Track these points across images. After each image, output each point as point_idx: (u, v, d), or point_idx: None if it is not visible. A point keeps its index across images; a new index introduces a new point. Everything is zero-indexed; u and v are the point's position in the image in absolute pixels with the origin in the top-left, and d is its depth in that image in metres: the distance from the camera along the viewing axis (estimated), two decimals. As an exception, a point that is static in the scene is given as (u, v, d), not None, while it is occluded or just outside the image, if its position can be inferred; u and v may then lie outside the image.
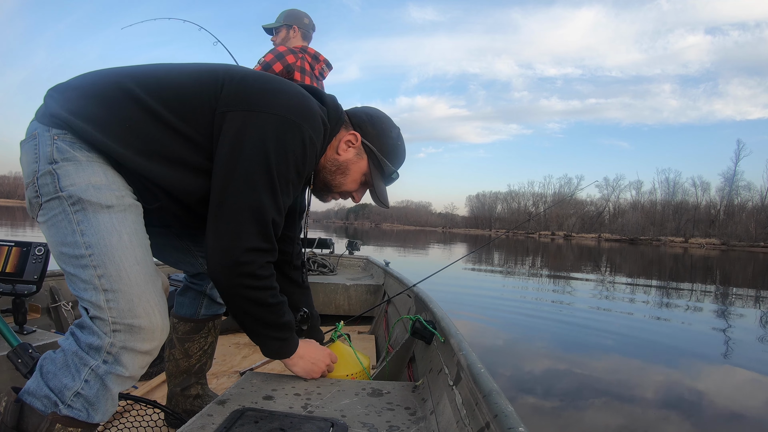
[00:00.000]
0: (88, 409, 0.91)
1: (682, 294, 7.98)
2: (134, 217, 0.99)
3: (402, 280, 2.52)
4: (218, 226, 0.99)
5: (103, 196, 0.94)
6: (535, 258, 17.22)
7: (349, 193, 1.26)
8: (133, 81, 0.99)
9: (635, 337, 4.20)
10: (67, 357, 0.92)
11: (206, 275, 1.36)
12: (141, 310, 0.93)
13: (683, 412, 2.42)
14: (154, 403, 1.31)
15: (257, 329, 1.10)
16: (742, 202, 75.91)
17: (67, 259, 0.93)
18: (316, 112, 1.05)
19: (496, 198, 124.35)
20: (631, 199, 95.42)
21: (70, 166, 0.94)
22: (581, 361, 3.34)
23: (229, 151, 0.98)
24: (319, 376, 1.24)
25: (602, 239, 76.58)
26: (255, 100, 0.99)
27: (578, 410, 2.36)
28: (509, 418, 0.77)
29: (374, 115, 1.22)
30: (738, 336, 4.54)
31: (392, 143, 1.22)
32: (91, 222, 0.92)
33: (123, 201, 0.97)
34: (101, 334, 0.90)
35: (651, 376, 3.05)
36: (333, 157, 1.18)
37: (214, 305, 1.42)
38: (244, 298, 1.03)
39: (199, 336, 1.40)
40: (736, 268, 17.03)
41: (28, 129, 1.00)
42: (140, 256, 0.96)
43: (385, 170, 1.23)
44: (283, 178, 1.01)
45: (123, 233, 0.95)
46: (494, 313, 5.00)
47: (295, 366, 1.19)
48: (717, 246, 60.73)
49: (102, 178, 0.95)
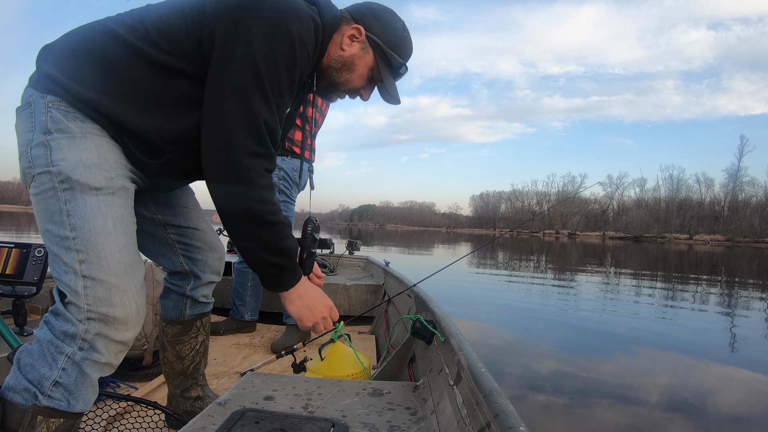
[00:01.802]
0: (68, 398, 0.90)
1: (688, 291, 7.94)
2: (122, 201, 0.98)
3: (402, 279, 2.51)
4: (211, 140, 0.96)
5: (93, 177, 0.93)
6: (540, 257, 17.18)
7: (357, 90, 1.20)
8: (121, 26, 0.97)
9: (640, 337, 4.18)
10: (43, 347, 0.91)
11: (184, 275, 1.33)
12: (117, 300, 0.92)
13: (689, 414, 2.40)
14: (154, 404, 1.31)
15: (255, 251, 1.03)
16: (746, 198, 75.66)
17: (52, 237, 0.92)
18: (303, 9, 1.00)
19: (499, 197, 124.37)
20: (635, 197, 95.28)
21: (63, 139, 0.93)
22: (585, 361, 3.32)
23: (218, 67, 0.95)
24: (311, 325, 1.14)
25: (606, 237, 76.40)
26: (238, 11, 0.94)
27: (583, 410, 2.34)
28: (510, 417, 0.77)
29: (376, 9, 1.16)
30: (744, 333, 4.51)
31: (398, 35, 1.16)
32: (78, 203, 0.92)
33: (112, 183, 0.96)
34: (75, 321, 0.90)
35: (656, 376, 3.03)
36: (337, 54, 1.12)
37: (198, 305, 1.38)
38: (243, 213, 0.99)
39: (188, 337, 1.38)
40: (742, 264, 16.94)
41: (24, 95, 0.99)
42: (123, 244, 0.96)
43: (393, 63, 1.17)
44: (275, 82, 0.96)
45: (108, 218, 0.94)
46: (497, 313, 4.99)
47: (291, 304, 1.11)
48: (722, 242, 60.43)
49: (94, 154, 0.94)
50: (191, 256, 1.31)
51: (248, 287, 2.60)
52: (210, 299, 1.40)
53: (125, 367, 1.85)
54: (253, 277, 2.60)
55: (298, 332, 2.43)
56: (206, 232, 1.32)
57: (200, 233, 1.31)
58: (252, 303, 2.62)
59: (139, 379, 1.83)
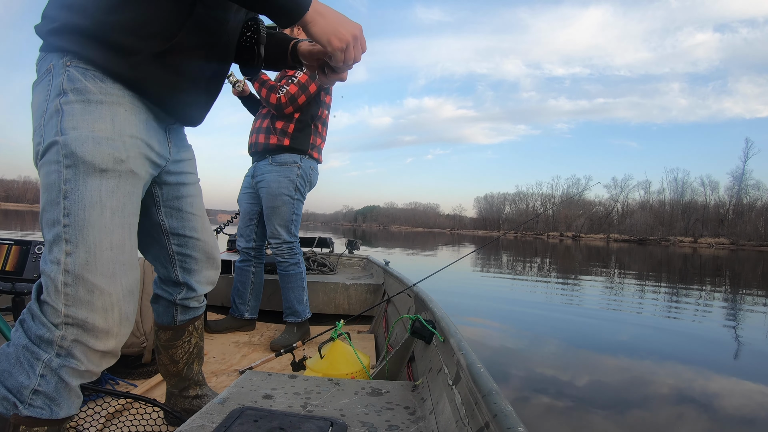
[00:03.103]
0: (51, 405, 0.86)
1: (692, 294, 7.89)
2: (128, 188, 0.91)
3: (402, 279, 2.51)
4: None
5: (100, 155, 0.86)
6: (543, 259, 17.14)
7: None
8: None
9: (643, 342, 4.16)
10: (19, 352, 0.86)
11: (177, 285, 1.27)
12: (99, 305, 0.85)
13: (691, 421, 2.38)
14: (153, 402, 1.31)
15: None
16: (751, 201, 75.16)
17: (46, 219, 0.86)
18: None
19: (504, 199, 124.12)
20: (639, 199, 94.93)
21: (78, 103, 0.86)
22: (587, 364, 3.31)
23: None
24: (344, 45, 0.91)
25: (611, 240, 76.12)
26: None
27: (583, 414, 2.33)
28: (508, 417, 0.76)
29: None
30: (748, 335, 4.48)
31: None
32: (79, 185, 0.85)
33: (120, 166, 0.89)
34: (50, 326, 0.84)
35: (658, 382, 3.01)
36: None
37: (189, 311, 1.33)
38: None
39: (181, 342, 1.35)
40: (746, 268, 16.84)
41: (39, 66, 0.91)
42: (117, 241, 0.88)
43: None
44: None
45: (107, 208, 0.87)
46: (498, 313, 4.97)
47: (315, 26, 0.89)
48: (726, 245, 60.16)
49: (108, 126, 0.88)
50: (187, 267, 1.25)
51: (249, 286, 2.60)
52: (202, 303, 1.36)
53: (124, 365, 1.85)
54: (253, 276, 2.60)
55: (297, 331, 2.43)
56: (207, 242, 1.27)
57: (201, 243, 1.25)
58: (252, 302, 2.62)
59: (138, 376, 1.83)
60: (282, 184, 2.39)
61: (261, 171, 2.45)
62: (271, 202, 2.41)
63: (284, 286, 2.47)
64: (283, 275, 2.47)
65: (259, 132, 2.45)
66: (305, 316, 2.48)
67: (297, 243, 2.49)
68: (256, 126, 2.49)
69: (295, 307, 2.46)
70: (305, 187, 2.49)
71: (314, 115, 2.46)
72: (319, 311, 2.95)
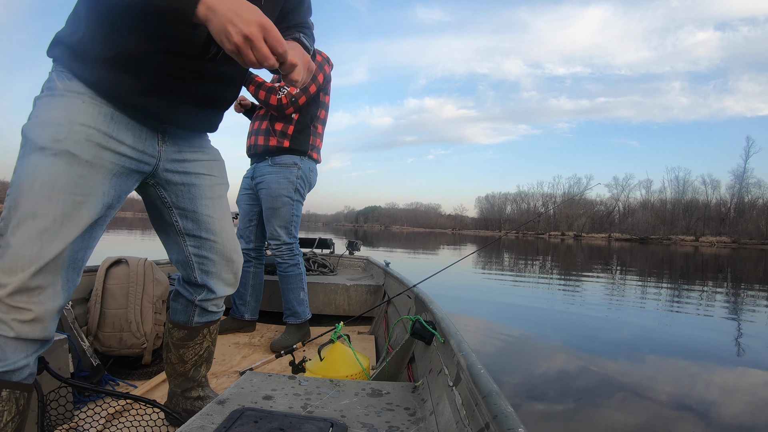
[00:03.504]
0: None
1: (693, 293, 7.88)
2: (63, 166, 0.92)
3: (402, 280, 2.50)
4: None
5: (42, 135, 0.92)
6: (545, 258, 17.13)
7: None
8: None
9: (645, 341, 4.16)
10: None
11: (198, 286, 1.28)
12: (6, 262, 0.87)
13: (694, 420, 2.38)
14: (153, 403, 1.31)
15: None
16: (753, 200, 75.09)
17: None
18: None
19: (505, 199, 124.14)
20: (640, 198, 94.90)
21: (46, 97, 0.96)
22: (589, 364, 3.30)
23: None
24: (235, 45, 0.78)
25: (612, 239, 76.06)
26: None
27: (585, 415, 2.33)
28: (509, 418, 0.76)
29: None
30: (752, 332, 4.47)
31: None
32: (22, 161, 0.92)
33: (57, 145, 0.92)
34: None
35: (661, 381, 3.00)
36: None
37: (207, 313, 1.34)
38: None
39: (193, 343, 1.35)
40: (748, 266, 16.81)
41: None
42: (42, 210, 0.89)
43: None
44: None
45: (38, 179, 0.90)
46: (501, 313, 4.97)
47: (210, 24, 0.79)
48: (728, 244, 60.06)
49: (59, 113, 0.94)
50: (206, 269, 1.26)
51: (249, 287, 2.60)
52: (221, 308, 1.36)
53: (124, 366, 1.85)
54: (253, 277, 2.60)
55: (297, 332, 2.43)
56: (224, 244, 1.27)
57: (218, 246, 1.25)
58: (252, 303, 2.62)
59: (138, 377, 1.83)
60: (282, 186, 2.39)
61: (261, 172, 2.45)
62: (270, 203, 2.41)
63: (284, 287, 2.47)
64: (282, 276, 2.47)
65: (258, 134, 2.44)
66: (305, 317, 2.48)
67: (296, 244, 2.49)
68: (255, 128, 2.48)
69: (295, 308, 2.45)
70: (305, 188, 2.49)
71: (313, 116, 2.46)
72: (320, 312, 2.94)
